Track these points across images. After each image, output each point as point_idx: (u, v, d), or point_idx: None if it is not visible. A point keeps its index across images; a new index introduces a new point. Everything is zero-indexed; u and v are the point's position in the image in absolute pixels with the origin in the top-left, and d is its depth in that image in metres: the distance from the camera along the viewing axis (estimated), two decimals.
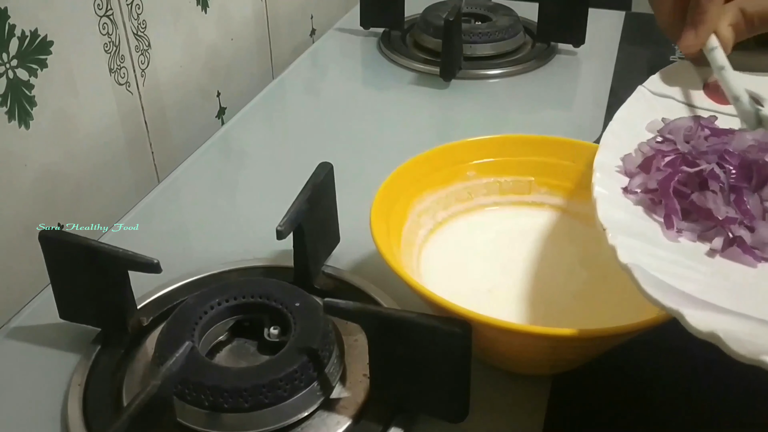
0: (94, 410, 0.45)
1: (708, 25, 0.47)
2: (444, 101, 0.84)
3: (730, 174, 0.42)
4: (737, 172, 0.43)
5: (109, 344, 0.50)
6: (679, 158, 0.44)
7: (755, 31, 0.48)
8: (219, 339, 0.48)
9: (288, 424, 0.43)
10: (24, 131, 0.58)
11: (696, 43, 0.48)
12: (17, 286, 0.59)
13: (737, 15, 0.48)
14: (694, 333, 0.32)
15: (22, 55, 0.57)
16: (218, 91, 0.87)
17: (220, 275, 0.55)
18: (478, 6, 0.97)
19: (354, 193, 0.56)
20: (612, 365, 0.47)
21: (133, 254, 0.47)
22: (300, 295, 0.48)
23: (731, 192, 0.42)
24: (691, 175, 0.43)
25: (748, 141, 0.44)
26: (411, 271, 0.49)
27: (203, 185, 0.70)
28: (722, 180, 0.42)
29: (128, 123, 0.72)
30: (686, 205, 0.43)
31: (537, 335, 0.41)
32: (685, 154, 0.44)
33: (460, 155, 0.57)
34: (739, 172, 0.43)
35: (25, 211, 0.60)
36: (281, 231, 0.48)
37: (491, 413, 0.45)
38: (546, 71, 0.90)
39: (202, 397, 0.42)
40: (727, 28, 0.48)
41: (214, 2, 0.83)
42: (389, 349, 0.42)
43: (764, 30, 0.48)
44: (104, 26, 0.66)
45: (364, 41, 0.98)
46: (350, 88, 0.90)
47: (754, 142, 0.44)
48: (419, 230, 0.54)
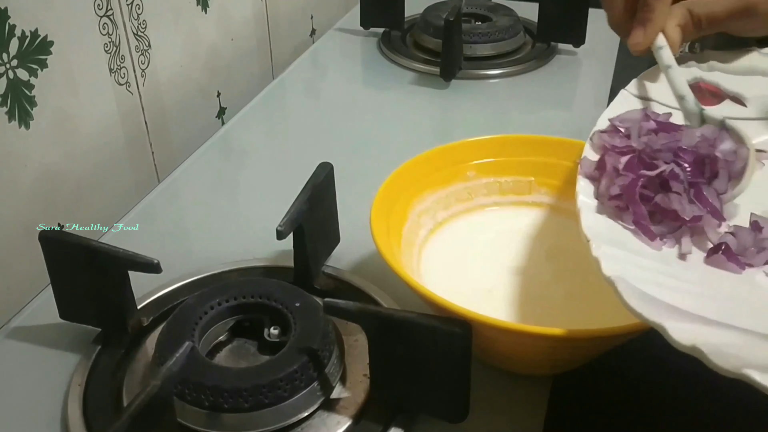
0: (94, 410, 0.45)
1: (655, 23, 0.49)
2: (444, 101, 0.84)
3: (686, 171, 0.43)
4: (692, 168, 0.43)
5: (109, 344, 0.50)
6: (635, 158, 0.45)
7: (703, 32, 0.50)
8: (219, 339, 0.48)
9: (288, 424, 0.43)
10: (24, 131, 0.58)
11: (644, 41, 0.49)
12: (17, 286, 0.59)
13: (685, 16, 0.49)
14: (676, 346, 0.32)
15: (23, 55, 0.57)
16: (218, 91, 0.87)
17: (220, 275, 0.55)
18: (478, 6, 0.97)
19: (354, 193, 0.56)
20: (612, 365, 0.47)
21: (133, 254, 0.47)
22: (300, 295, 0.48)
23: (691, 188, 0.43)
24: (652, 177, 0.43)
25: (697, 137, 0.45)
26: (411, 271, 0.49)
27: (203, 185, 0.70)
28: (682, 179, 0.43)
29: (128, 123, 0.72)
30: (650, 207, 0.43)
31: (536, 335, 0.41)
32: (641, 153, 0.45)
33: (460, 155, 0.57)
34: (694, 168, 0.43)
35: (25, 211, 0.60)
36: (281, 231, 0.48)
37: (491, 413, 0.45)
38: (546, 71, 0.90)
39: (202, 397, 0.42)
40: (674, 28, 0.49)
41: (214, 2, 0.83)
42: (389, 349, 0.42)
43: (712, 31, 0.50)
44: (104, 26, 0.66)
45: (364, 41, 0.98)
46: (350, 88, 0.90)
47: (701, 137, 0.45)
48: (419, 230, 0.54)
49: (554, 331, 0.40)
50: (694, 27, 0.49)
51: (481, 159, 0.57)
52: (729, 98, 0.51)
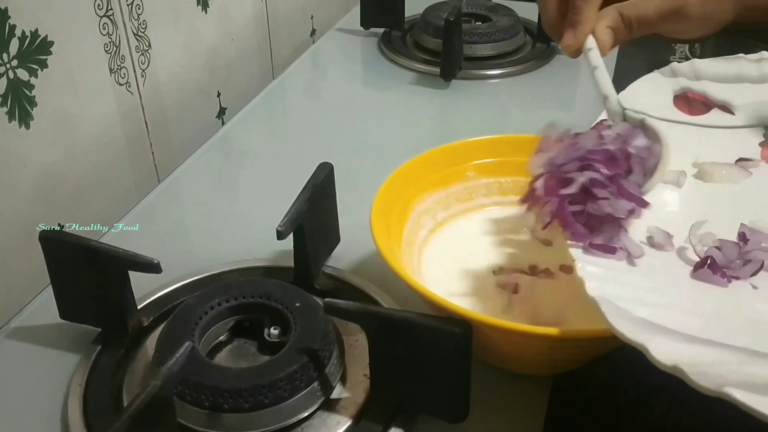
0: (94, 410, 0.45)
1: (585, 26, 0.50)
2: (444, 101, 0.84)
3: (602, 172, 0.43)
4: (606, 165, 0.44)
5: (110, 344, 0.50)
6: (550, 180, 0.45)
7: (634, 34, 0.51)
8: (219, 339, 0.48)
9: (288, 424, 0.43)
10: (24, 131, 0.58)
11: (574, 43, 0.50)
12: (17, 286, 0.59)
13: (616, 18, 0.50)
14: (658, 366, 0.33)
15: (23, 56, 0.57)
16: (218, 92, 0.87)
17: (221, 275, 0.55)
18: (478, 6, 0.97)
19: (354, 193, 0.56)
20: (612, 366, 0.47)
21: (133, 254, 0.47)
22: (300, 296, 0.48)
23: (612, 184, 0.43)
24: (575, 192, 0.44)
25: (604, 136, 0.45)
26: (411, 271, 0.49)
27: (203, 185, 0.70)
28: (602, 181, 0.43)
29: (128, 123, 0.72)
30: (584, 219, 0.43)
31: (536, 335, 0.41)
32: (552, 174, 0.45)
33: (460, 155, 0.57)
34: (608, 165, 0.44)
35: (25, 211, 0.60)
36: (282, 231, 0.48)
37: (491, 413, 0.45)
38: (546, 71, 0.90)
39: (202, 397, 0.42)
40: (604, 30, 0.50)
41: (214, 2, 0.83)
42: (389, 349, 0.42)
43: (643, 34, 0.51)
44: (104, 26, 0.66)
45: (364, 41, 0.98)
46: (350, 89, 0.90)
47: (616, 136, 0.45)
48: (419, 230, 0.54)
49: (554, 331, 0.40)
50: (625, 29, 0.50)
51: (481, 159, 0.57)
52: (717, 107, 0.52)
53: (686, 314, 0.38)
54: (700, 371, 0.32)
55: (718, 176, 0.48)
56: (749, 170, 0.48)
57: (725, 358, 0.34)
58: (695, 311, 0.39)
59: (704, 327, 0.36)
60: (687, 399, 0.40)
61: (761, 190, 0.47)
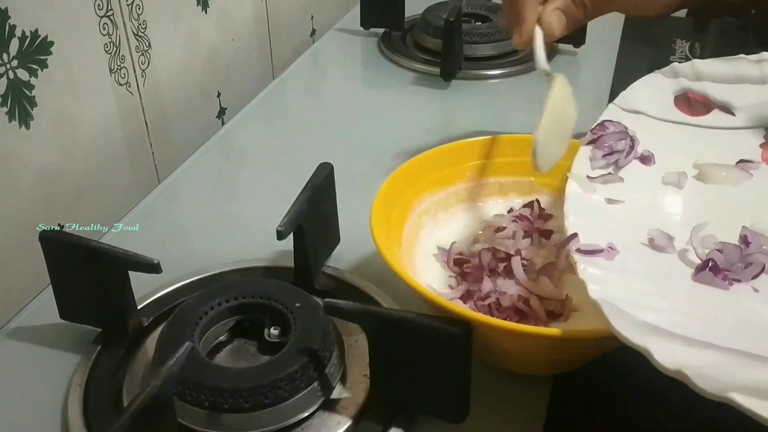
0: (94, 410, 0.45)
1: (526, 23, 0.53)
2: (444, 101, 0.84)
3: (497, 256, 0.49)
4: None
5: (110, 344, 0.50)
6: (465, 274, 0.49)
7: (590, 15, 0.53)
8: (219, 339, 0.48)
9: (288, 424, 0.43)
10: (24, 131, 0.58)
11: (522, 40, 0.54)
12: (17, 286, 0.59)
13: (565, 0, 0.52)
14: (661, 370, 0.33)
15: (23, 56, 0.57)
16: (218, 92, 0.87)
17: (221, 275, 0.55)
18: (478, 6, 0.97)
19: (354, 193, 0.57)
20: (612, 366, 0.47)
21: (133, 254, 0.47)
22: (300, 296, 0.48)
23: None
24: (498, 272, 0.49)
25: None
26: (411, 271, 0.49)
27: (203, 185, 0.70)
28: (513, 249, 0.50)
29: (128, 123, 0.72)
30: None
31: (536, 335, 0.41)
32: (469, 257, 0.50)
33: (461, 156, 0.57)
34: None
35: (25, 211, 0.60)
36: (281, 231, 0.48)
37: (491, 413, 0.45)
38: None
39: (202, 397, 0.42)
40: (552, 12, 0.53)
41: (214, 2, 0.83)
42: (389, 349, 0.42)
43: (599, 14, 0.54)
44: (104, 26, 0.66)
45: (364, 41, 0.98)
46: (350, 89, 0.90)
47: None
48: (419, 230, 0.54)
49: (554, 331, 0.40)
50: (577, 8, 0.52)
51: (481, 159, 0.57)
52: (717, 108, 0.52)
53: (687, 317, 0.38)
54: (703, 374, 0.32)
55: (718, 178, 0.48)
56: (750, 172, 0.48)
57: (727, 361, 0.34)
58: (696, 314, 0.39)
59: (705, 330, 0.36)
60: (687, 400, 0.40)
61: (762, 192, 0.47)
